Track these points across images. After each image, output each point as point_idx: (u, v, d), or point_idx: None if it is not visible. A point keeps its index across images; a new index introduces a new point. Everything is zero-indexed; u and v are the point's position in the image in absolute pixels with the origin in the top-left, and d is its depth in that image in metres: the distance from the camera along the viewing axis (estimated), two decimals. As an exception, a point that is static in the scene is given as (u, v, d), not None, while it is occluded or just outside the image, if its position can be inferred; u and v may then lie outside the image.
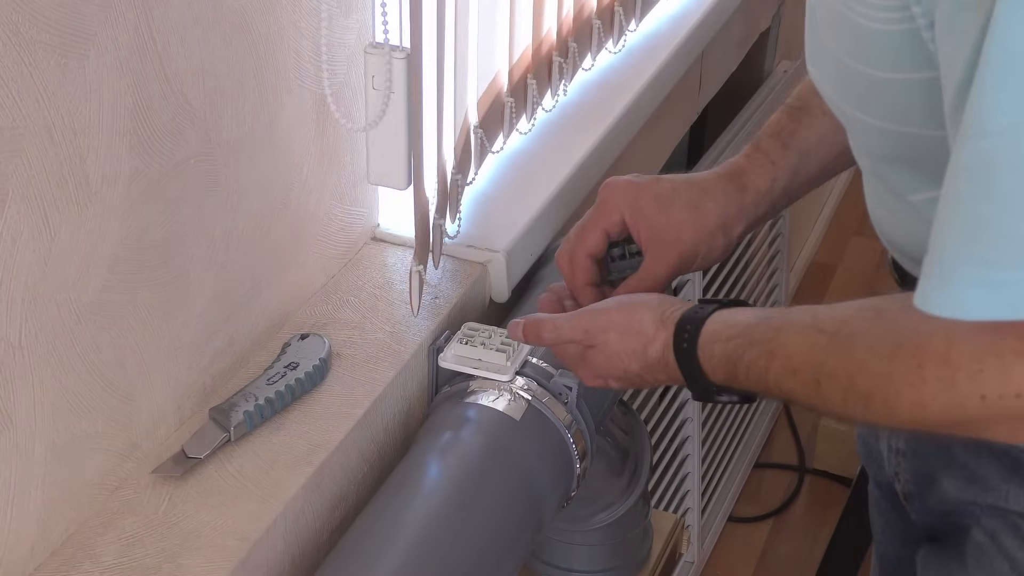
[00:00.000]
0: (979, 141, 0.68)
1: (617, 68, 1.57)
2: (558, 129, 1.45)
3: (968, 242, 0.70)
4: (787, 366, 0.86)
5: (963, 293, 0.70)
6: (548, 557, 1.30)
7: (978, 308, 0.70)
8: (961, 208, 0.70)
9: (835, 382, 0.83)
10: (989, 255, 0.69)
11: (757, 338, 0.89)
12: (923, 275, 0.73)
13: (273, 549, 0.98)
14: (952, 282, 0.71)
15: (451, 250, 1.25)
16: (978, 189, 0.69)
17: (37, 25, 0.79)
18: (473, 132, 1.27)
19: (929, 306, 0.72)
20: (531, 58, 1.35)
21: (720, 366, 0.91)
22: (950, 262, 0.71)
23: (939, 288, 0.72)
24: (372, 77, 0.96)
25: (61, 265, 0.86)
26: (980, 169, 0.69)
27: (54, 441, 0.90)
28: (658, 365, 0.95)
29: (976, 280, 0.70)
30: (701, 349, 0.92)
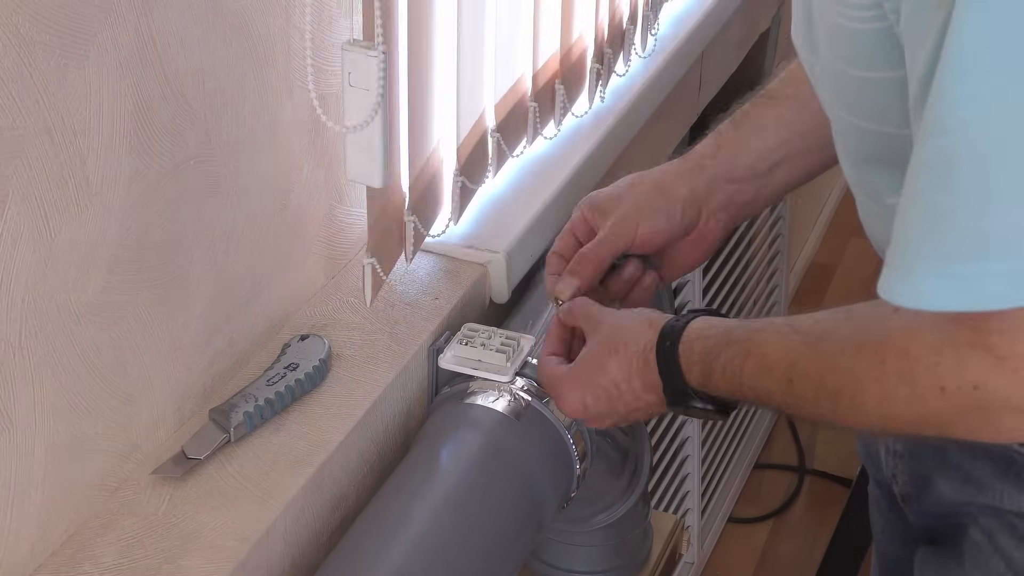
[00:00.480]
0: (939, 138, 0.70)
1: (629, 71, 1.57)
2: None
3: (928, 235, 0.72)
4: (762, 364, 0.88)
5: (924, 284, 0.72)
6: (548, 557, 1.30)
7: (938, 299, 0.72)
8: (922, 201, 0.72)
9: (806, 380, 0.85)
10: (949, 248, 0.71)
11: (735, 338, 0.91)
12: (886, 265, 0.75)
13: (273, 550, 0.98)
14: (914, 273, 0.72)
15: (451, 251, 1.25)
16: (938, 183, 0.71)
17: (37, 26, 0.79)
18: (490, 136, 1.27)
19: (892, 296, 0.74)
20: (559, 63, 1.36)
21: (697, 364, 0.93)
22: (911, 254, 0.73)
23: (902, 279, 0.74)
24: (349, 74, 0.97)
25: (61, 266, 0.86)
26: (940, 164, 0.70)
27: (54, 442, 0.90)
28: (637, 365, 0.97)
29: (936, 272, 0.71)
30: (682, 345, 0.94)
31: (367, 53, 0.96)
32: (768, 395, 0.89)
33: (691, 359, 0.94)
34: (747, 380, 0.90)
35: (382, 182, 1.03)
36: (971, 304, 0.71)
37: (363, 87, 0.96)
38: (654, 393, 0.97)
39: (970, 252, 0.70)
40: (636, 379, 0.97)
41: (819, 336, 0.85)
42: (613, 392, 0.99)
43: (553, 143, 1.42)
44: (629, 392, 0.98)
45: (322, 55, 1.09)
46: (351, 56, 0.97)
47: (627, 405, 0.99)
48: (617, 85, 1.54)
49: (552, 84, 1.37)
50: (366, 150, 1.01)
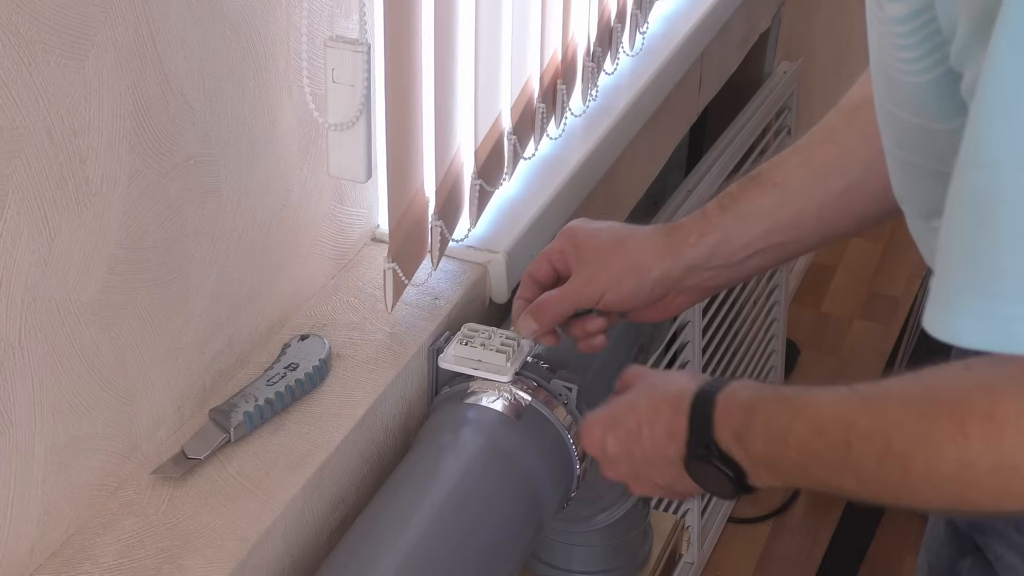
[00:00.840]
0: (975, 171, 0.68)
1: (618, 69, 1.57)
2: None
3: (964, 270, 0.69)
4: (814, 426, 0.81)
5: (959, 321, 0.69)
6: (548, 558, 1.30)
7: (973, 337, 0.69)
8: (960, 234, 0.70)
9: (869, 443, 0.77)
10: (985, 286, 0.68)
11: (784, 394, 0.85)
12: (929, 298, 0.72)
13: (273, 550, 0.98)
14: (950, 308, 0.70)
15: (451, 251, 1.25)
16: (976, 217, 0.68)
17: (37, 25, 0.79)
18: (507, 138, 1.27)
19: (931, 328, 0.71)
20: (560, 63, 1.36)
21: (736, 415, 0.87)
22: (949, 288, 0.70)
23: (941, 312, 0.70)
24: (332, 70, 0.97)
25: (61, 266, 0.86)
26: (978, 197, 0.68)
27: (54, 441, 0.90)
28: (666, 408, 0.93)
29: (971, 310, 0.69)
30: (723, 393, 0.89)
31: (352, 49, 0.96)
32: (817, 461, 0.81)
33: (730, 408, 0.88)
34: (795, 441, 0.82)
35: (367, 178, 1.04)
36: (1005, 346, 0.68)
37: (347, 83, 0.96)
38: (674, 446, 0.92)
39: (1006, 292, 0.67)
40: (661, 425, 0.93)
41: (883, 395, 0.78)
42: (633, 433, 0.95)
43: (553, 143, 1.42)
44: (649, 438, 0.94)
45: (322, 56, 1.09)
46: (334, 52, 0.97)
47: (643, 452, 0.95)
48: (616, 85, 1.54)
49: (555, 84, 1.37)
50: (350, 146, 1.01)
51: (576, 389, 1.12)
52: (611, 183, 1.55)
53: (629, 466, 0.97)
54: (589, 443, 1.00)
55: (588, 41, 1.44)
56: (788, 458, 0.83)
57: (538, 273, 1.11)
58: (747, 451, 0.87)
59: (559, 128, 1.42)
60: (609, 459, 0.98)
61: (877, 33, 0.80)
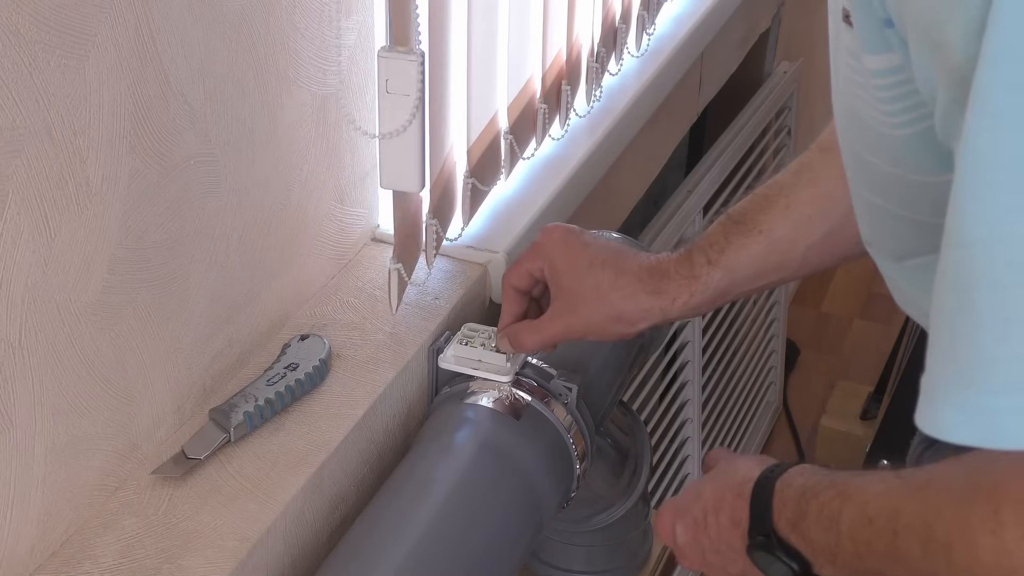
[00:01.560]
0: (955, 251, 0.65)
1: (621, 70, 1.57)
2: (558, 129, 1.45)
3: (946, 358, 0.67)
4: (862, 513, 0.79)
5: (941, 412, 0.67)
6: (548, 557, 1.30)
7: (953, 430, 0.66)
8: (943, 320, 0.67)
9: (913, 532, 0.75)
10: (964, 375, 0.65)
11: (837, 480, 0.83)
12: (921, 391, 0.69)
13: (273, 550, 0.98)
14: (933, 399, 0.67)
15: (451, 251, 1.25)
16: (955, 302, 0.66)
17: (37, 25, 0.79)
18: (503, 138, 1.27)
19: (919, 422, 0.69)
20: (564, 63, 1.36)
21: (792, 502, 0.85)
22: (932, 377, 0.68)
23: (926, 404, 0.68)
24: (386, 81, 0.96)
25: (61, 266, 0.86)
26: (956, 281, 0.66)
27: (54, 442, 0.90)
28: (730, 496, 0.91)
29: (953, 402, 0.66)
30: (781, 480, 0.87)
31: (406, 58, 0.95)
32: (869, 549, 0.78)
33: (786, 495, 0.86)
34: (846, 528, 0.80)
35: (421, 187, 1.03)
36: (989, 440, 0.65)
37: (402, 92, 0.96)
38: (738, 532, 0.90)
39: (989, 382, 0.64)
40: (725, 512, 0.91)
41: (925, 481, 0.75)
42: (700, 522, 0.94)
43: (553, 143, 1.42)
44: (715, 526, 0.92)
45: (322, 56, 1.09)
46: (387, 63, 0.96)
47: (711, 541, 0.93)
48: (616, 85, 1.54)
49: (559, 84, 1.37)
50: (404, 156, 1.00)
51: (576, 389, 1.12)
52: (611, 183, 1.55)
53: (699, 555, 0.95)
54: (662, 532, 0.98)
55: (592, 42, 1.44)
56: (843, 546, 0.81)
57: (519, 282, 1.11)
58: (804, 539, 0.84)
59: (563, 128, 1.41)
60: (680, 549, 0.96)
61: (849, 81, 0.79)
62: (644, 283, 1.06)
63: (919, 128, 0.74)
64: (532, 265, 1.09)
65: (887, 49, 0.73)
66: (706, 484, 0.94)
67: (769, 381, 2.47)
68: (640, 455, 1.28)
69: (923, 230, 0.77)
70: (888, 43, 0.72)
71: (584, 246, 1.08)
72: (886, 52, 0.73)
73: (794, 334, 2.63)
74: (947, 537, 0.72)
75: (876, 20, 0.72)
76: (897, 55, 0.72)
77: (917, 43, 0.69)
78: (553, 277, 1.08)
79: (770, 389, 2.48)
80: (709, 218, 1.93)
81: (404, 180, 1.02)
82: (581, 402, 1.13)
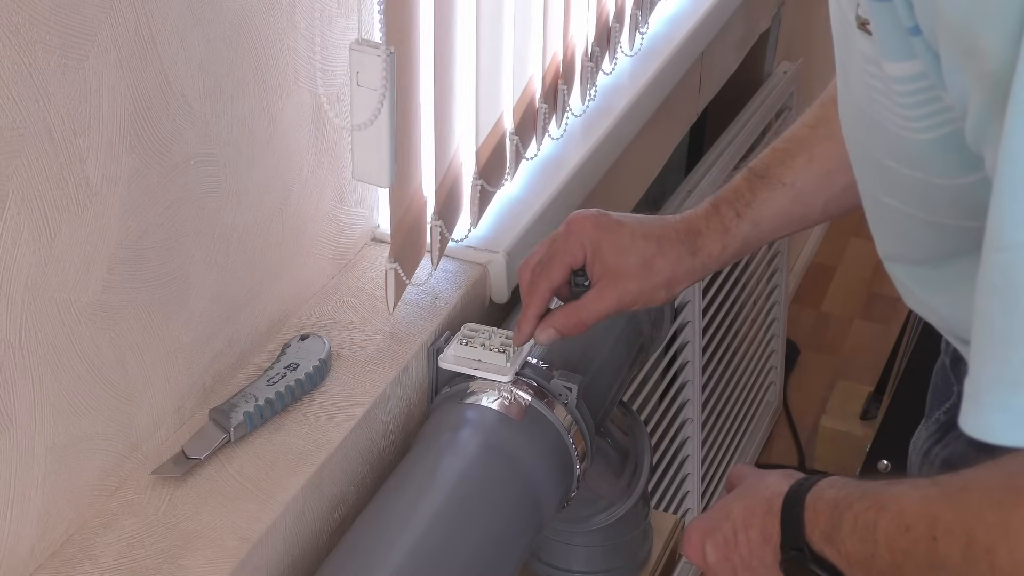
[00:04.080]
0: (998, 255, 0.66)
1: (617, 69, 1.57)
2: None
3: (993, 362, 0.67)
4: (899, 521, 0.78)
5: (990, 417, 0.67)
6: (548, 558, 1.30)
7: (1005, 434, 0.67)
8: (987, 325, 0.68)
9: (952, 538, 0.74)
10: (1012, 378, 0.66)
11: (870, 490, 0.83)
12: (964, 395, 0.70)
13: (273, 550, 0.98)
14: (981, 404, 0.68)
15: (451, 251, 1.25)
16: (1000, 305, 0.66)
17: (37, 25, 0.79)
18: (509, 139, 1.28)
19: (964, 426, 0.69)
20: (560, 62, 1.37)
21: (825, 514, 0.85)
22: (979, 381, 0.68)
23: (973, 409, 0.68)
24: (356, 74, 0.97)
25: (61, 266, 0.86)
26: (1000, 284, 0.66)
27: (54, 441, 0.90)
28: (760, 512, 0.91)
29: (1002, 405, 0.66)
30: (812, 493, 0.87)
31: (373, 53, 0.96)
32: (908, 558, 0.78)
33: (818, 508, 0.85)
34: (883, 538, 0.79)
35: (390, 183, 1.04)
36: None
37: (370, 87, 0.96)
38: (770, 549, 0.89)
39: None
40: (755, 529, 0.91)
41: (962, 487, 0.75)
42: (731, 540, 0.93)
43: (552, 144, 1.42)
44: (745, 544, 0.92)
45: (322, 56, 1.09)
46: (358, 56, 0.97)
47: (741, 558, 0.92)
48: (616, 85, 1.54)
49: (556, 84, 1.37)
50: (374, 150, 1.01)
51: (576, 389, 1.12)
52: (611, 183, 1.55)
53: (731, 573, 0.94)
54: (690, 552, 0.97)
55: (586, 41, 1.44)
56: (880, 556, 0.80)
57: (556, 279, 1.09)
58: (839, 551, 0.84)
59: (560, 128, 1.42)
60: (711, 568, 0.95)
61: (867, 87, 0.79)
62: (684, 244, 1.09)
63: (942, 132, 0.75)
64: (571, 255, 1.09)
65: (910, 56, 0.73)
66: (734, 502, 0.94)
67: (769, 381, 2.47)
68: (640, 455, 1.28)
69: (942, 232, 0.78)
70: (912, 51, 0.73)
71: (619, 224, 1.09)
72: (909, 59, 0.73)
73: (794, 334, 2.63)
74: (989, 541, 0.71)
75: (900, 29, 0.73)
76: (920, 62, 0.73)
77: (949, 51, 0.69)
78: (596, 258, 1.08)
79: (770, 389, 2.48)
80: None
81: (374, 174, 1.03)
82: (581, 402, 1.13)
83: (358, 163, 1.03)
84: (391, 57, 0.96)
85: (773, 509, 0.89)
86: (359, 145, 1.01)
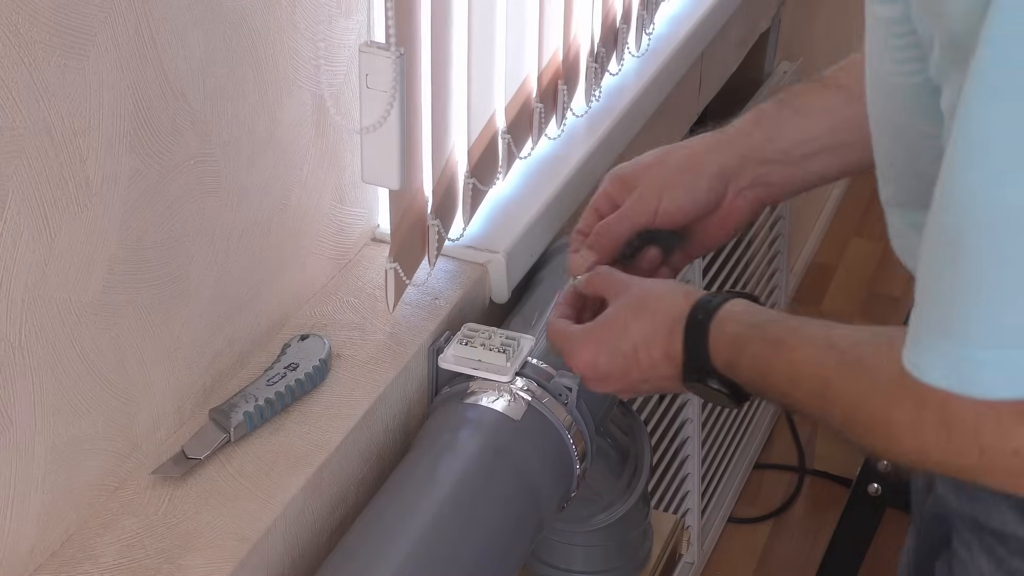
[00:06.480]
0: (945, 214, 0.69)
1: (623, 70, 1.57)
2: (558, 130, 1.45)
3: (934, 309, 0.72)
4: (793, 371, 0.86)
5: (926, 357, 0.73)
6: (548, 557, 1.30)
7: (939, 377, 0.72)
8: (932, 274, 0.72)
9: (838, 404, 0.82)
10: (948, 326, 0.71)
11: (770, 335, 0.89)
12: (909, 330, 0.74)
13: (273, 550, 0.98)
14: (922, 346, 0.73)
15: (451, 251, 1.25)
16: (943, 260, 0.70)
17: (37, 25, 0.79)
18: (501, 137, 1.27)
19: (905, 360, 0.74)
20: (561, 63, 1.36)
21: (725, 347, 0.91)
22: (921, 324, 0.73)
23: (913, 348, 0.74)
24: (366, 76, 0.97)
25: (61, 266, 0.86)
26: (945, 241, 0.70)
27: (54, 442, 0.90)
28: (662, 333, 0.94)
29: (936, 347, 0.72)
30: (714, 322, 0.92)
31: (383, 55, 0.96)
32: (795, 402, 0.87)
33: (720, 339, 0.91)
34: (773, 382, 0.88)
35: (400, 184, 1.03)
36: (965, 388, 0.71)
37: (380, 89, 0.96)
38: (672, 366, 0.95)
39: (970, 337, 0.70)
40: (657, 348, 0.95)
41: (856, 361, 0.82)
42: (630, 356, 0.97)
43: (553, 143, 1.42)
44: (647, 359, 0.96)
45: (322, 55, 1.09)
46: (368, 58, 0.97)
47: (641, 373, 0.97)
48: (616, 85, 1.54)
49: (555, 84, 1.37)
50: (383, 152, 1.01)
51: (576, 389, 1.12)
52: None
53: (624, 383, 0.99)
54: (577, 363, 1.00)
55: (592, 42, 1.44)
56: (774, 389, 0.89)
57: (587, 227, 1.09)
58: (738, 377, 0.92)
59: (559, 128, 1.42)
60: (601, 376, 1.00)
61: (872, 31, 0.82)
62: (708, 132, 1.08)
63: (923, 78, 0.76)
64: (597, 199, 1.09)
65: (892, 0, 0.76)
66: (630, 320, 0.97)
67: (769, 381, 2.47)
68: (640, 455, 1.28)
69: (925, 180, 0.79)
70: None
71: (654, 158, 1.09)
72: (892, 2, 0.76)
73: (794, 334, 2.63)
74: (870, 421, 0.80)
75: None
76: (900, 7, 0.75)
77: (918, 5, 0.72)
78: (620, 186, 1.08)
79: (770, 389, 2.48)
80: None
81: (383, 176, 1.03)
82: (581, 402, 1.13)
83: (367, 165, 1.02)
84: (401, 59, 0.96)
85: (676, 333, 0.94)
86: (368, 147, 1.01)
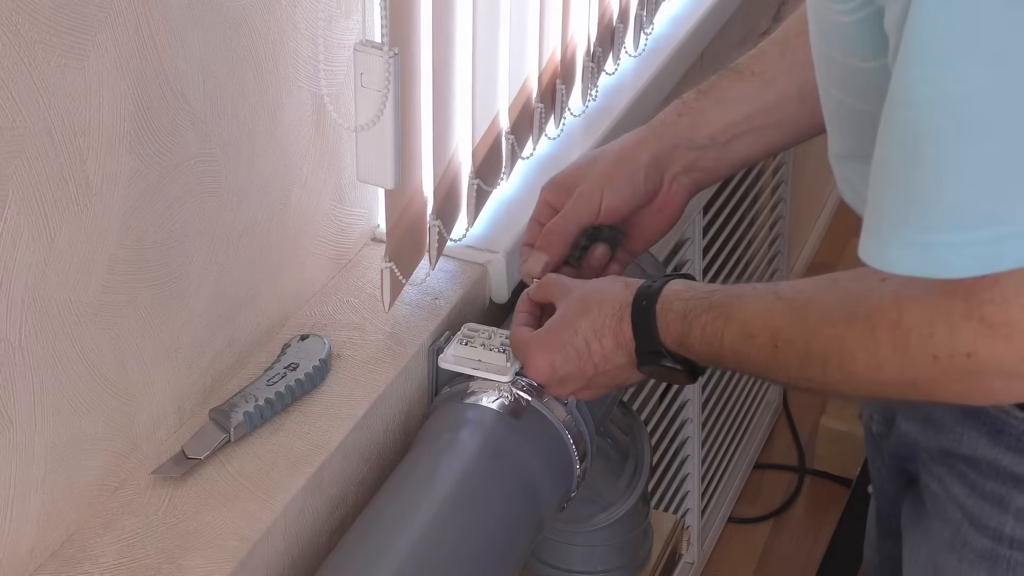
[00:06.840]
0: (904, 110, 0.72)
1: (620, 69, 1.57)
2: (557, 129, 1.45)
3: (895, 201, 0.74)
4: (744, 330, 0.89)
5: (890, 249, 0.75)
6: (548, 558, 1.30)
7: (902, 264, 0.75)
8: (890, 169, 0.75)
9: (792, 347, 0.86)
10: (912, 217, 0.73)
11: (716, 301, 0.92)
12: (864, 228, 0.77)
13: (273, 550, 0.98)
14: (882, 237, 0.76)
15: (451, 251, 1.25)
16: (904, 156, 0.73)
17: (37, 25, 0.79)
18: (504, 138, 1.28)
19: (865, 257, 0.77)
20: (559, 63, 1.37)
21: (675, 324, 0.94)
22: (881, 218, 0.76)
23: (875, 243, 0.76)
24: (361, 75, 0.98)
25: (61, 266, 0.86)
26: (905, 135, 0.72)
27: (54, 442, 0.90)
28: (610, 323, 0.97)
29: (904, 240, 0.74)
30: (660, 304, 0.95)
31: (377, 54, 0.96)
32: (749, 360, 0.90)
33: (668, 318, 0.95)
34: (728, 344, 0.90)
35: (395, 184, 1.04)
36: (934, 271, 0.74)
37: (374, 88, 0.97)
38: (625, 352, 0.98)
39: (930, 222, 0.73)
40: (608, 337, 0.98)
41: (804, 303, 0.86)
42: (583, 351, 1.00)
43: (552, 143, 1.42)
44: (599, 352, 0.99)
45: (322, 56, 1.09)
46: (362, 57, 0.97)
47: (596, 367, 1.00)
48: (616, 85, 1.54)
49: (553, 84, 1.37)
50: (378, 151, 1.01)
51: (576, 389, 1.12)
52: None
53: (582, 380, 1.02)
54: (536, 371, 1.03)
55: (588, 41, 1.44)
56: (725, 357, 0.92)
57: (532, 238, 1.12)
58: (690, 352, 0.95)
59: (558, 128, 1.42)
60: (561, 378, 1.03)
61: None
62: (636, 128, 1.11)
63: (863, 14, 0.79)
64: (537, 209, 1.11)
65: None
66: (578, 318, 1.00)
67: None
68: (640, 455, 1.28)
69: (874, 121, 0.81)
70: None
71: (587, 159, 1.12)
72: None
73: (794, 334, 2.63)
74: (824, 353, 0.83)
75: None
76: None
77: None
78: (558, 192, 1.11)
79: (770, 389, 2.48)
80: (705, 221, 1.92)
81: (378, 175, 1.03)
82: (581, 402, 1.13)
83: (362, 164, 1.03)
84: (395, 58, 0.96)
85: (624, 320, 0.97)
86: (363, 146, 1.02)
